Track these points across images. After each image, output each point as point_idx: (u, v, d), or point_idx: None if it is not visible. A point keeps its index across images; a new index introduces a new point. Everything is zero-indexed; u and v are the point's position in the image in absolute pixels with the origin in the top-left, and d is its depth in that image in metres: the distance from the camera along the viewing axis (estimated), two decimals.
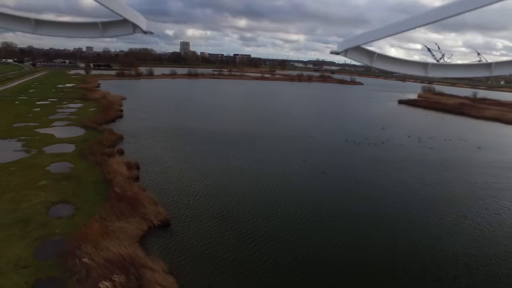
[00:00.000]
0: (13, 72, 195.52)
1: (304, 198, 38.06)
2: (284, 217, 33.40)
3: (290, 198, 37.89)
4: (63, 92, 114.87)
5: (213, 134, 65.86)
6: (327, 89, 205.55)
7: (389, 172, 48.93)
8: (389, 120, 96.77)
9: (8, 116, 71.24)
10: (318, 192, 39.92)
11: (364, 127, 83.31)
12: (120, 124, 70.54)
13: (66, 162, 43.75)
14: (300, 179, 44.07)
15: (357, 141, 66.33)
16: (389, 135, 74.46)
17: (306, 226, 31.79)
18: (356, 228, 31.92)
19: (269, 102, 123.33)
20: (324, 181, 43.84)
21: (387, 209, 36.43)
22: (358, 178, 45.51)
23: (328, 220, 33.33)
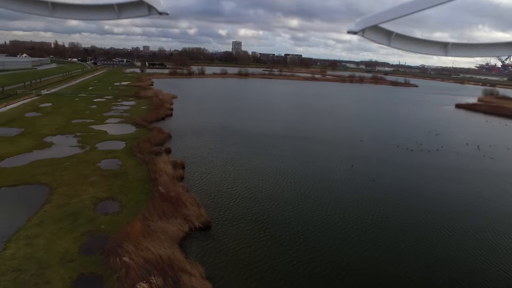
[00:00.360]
0: (76, 70, 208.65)
1: (349, 206, 36.46)
2: (326, 225, 32.12)
3: (334, 205, 36.46)
4: (119, 90, 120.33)
5: (259, 135, 65.54)
6: (379, 91, 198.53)
7: (443, 183, 45.71)
8: (445, 126, 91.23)
9: (68, 112, 75.63)
10: (364, 201, 38.09)
11: (418, 132, 79.03)
12: (169, 123, 72.31)
13: (115, 159, 45.34)
14: (346, 186, 42.37)
15: (410, 148, 62.92)
16: (445, 142, 69.99)
17: (348, 236, 30.32)
18: (402, 243, 29.92)
19: (318, 104, 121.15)
20: (372, 189, 41.78)
21: (438, 225, 33.86)
22: (408, 188, 42.93)
23: (373, 231, 31.57)
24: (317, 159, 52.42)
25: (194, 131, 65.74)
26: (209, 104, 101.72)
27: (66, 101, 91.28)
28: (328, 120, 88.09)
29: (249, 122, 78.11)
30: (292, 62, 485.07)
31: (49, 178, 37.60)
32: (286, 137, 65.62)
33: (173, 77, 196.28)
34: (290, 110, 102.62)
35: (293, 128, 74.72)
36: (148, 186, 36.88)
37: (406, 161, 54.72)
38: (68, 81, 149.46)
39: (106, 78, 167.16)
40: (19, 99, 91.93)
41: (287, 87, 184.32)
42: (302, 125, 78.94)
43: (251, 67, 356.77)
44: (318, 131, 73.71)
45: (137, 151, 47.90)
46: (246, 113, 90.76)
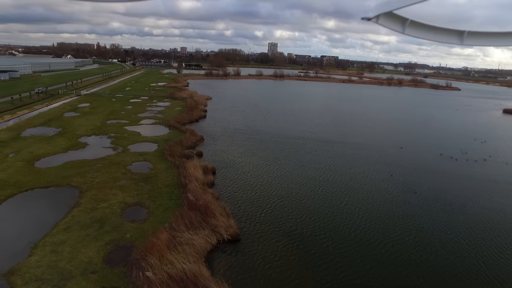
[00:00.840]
0: (115, 71, 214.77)
1: (387, 222, 33.76)
2: (362, 242, 29.67)
3: (371, 220, 33.87)
4: (154, 91, 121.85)
5: (293, 139, 63.46)
6: (419, 94, 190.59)
7: (492, 197, 41.80)
8: (492, 133, 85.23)
9: (104, 112, 76.77)
10: (405, 216, 35.20)
11: (462, 139, 74.10)
12: (202, 125, 71.68)
13: (146, 162, 44.80)
14: (385, 198, 39.53)
15: (454, 157, 58.74)
16: (492, 150, 65.02)
17: (387, 256, 27.73)
18: (445, 267, 26.99)
19: (355, 107, 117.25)
20: (413, 203, 38.70)
21: (488, 246, 30.53)
22: (455, 204, 39.41)
23: (412, 251, 28.76)
24: (353, 167, 49.72)
25: (227, 134, 64.62)
26: (243, 106, 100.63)
27: (103, 101, 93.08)
28: (365, 125, 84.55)
29: (283, 125, 76.16)
30: (328, 64, 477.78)
31: (80, 180, 37.43)
32: (320, 142, 63.14)
33: (209, 78, 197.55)
34: (325, 113, 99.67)
35: (328, 133, 72.05)
36: (177, 192, 35.83)
37: (450, 172, 50.84)
38: (107, 81, 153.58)
39: (143, 79, 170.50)
40: (60, 99, 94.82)
41: (323, 90, 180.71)
42: (337, 130, 76.05)
43: (287, 69, 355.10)
44: (354, 136, 70.61)
45: (169, 154, 47.21)
46: (280, 115, 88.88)
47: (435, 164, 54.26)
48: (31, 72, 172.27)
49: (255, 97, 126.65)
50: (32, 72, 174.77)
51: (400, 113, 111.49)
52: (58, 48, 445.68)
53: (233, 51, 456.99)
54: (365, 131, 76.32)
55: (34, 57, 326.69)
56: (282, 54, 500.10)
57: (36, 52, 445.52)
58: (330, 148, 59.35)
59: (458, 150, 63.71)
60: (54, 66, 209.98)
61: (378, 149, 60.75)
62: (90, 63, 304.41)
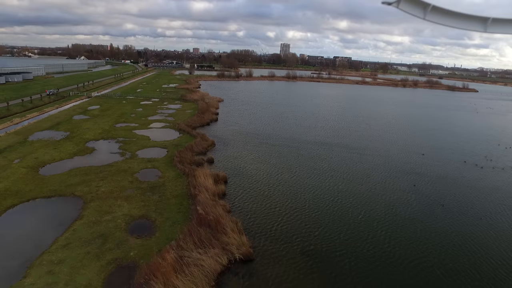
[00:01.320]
0: (127, 72, 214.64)
1: (412, 238, 30.99)
2: (383, 261, 27.00)
3: (394, 236, 31.15)
4: (166, 93, 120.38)
5: (307, 145, 60.87)
6: (435, 96, 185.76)
7: None
8: None
9: (113, 115, 75.25)
10: (431, 232, 32.34)
11: (486, 145, 70.52)
12: (213, 128, 69.56)
13: (155, 169, 42.77)
14: (408, 212, 36.70)
15: (479, 164, 55.46)
16: None
17: (411, 277, 25.04)
18: None
19: (370, 110, 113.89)
20: (440, 217, 35.78)
21: None
22: (484, 217, 36.42)
23: (440, 272, 25.99)
24: (372, 176, 46.94)
25: (239, 139, 62.35)
26: (256, 109, 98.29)
27: (114, 103, 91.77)
28: (382, 129, 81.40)
29: (296, 129, 73.58)
30: (341, 65, 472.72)
31: (84, 190, 35.55)
32: (335, 147, 60.40)
33: (221, 80, 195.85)
34: (340, 117, 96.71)
35: (344, 137, 69.21)
36: (186, 203, 33.65)
37: (477, 182, 47.64)
38: (119, 82, 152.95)
39: (155, 80, 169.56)
40: (70, 101, 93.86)
41: (336, 91, 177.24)
42: (354, 135, 73.14)
43: (299, 70, 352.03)
44: (372, 141, 67.66)
45: (178, 160, 45.11)
46: (293, 119, 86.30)
47: (460, 172, 51.06)
48: (45, 74, 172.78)
49: (267, 99, 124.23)
50: (46, 73, 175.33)
51: (418, 116, 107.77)
52: (72, 50, 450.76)
53: (245, 52, 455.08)
54: (383, 136, 73.25)
55: (49, 58, 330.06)
56: (295, 55, 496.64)
57: (51, 53, 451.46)
58: (346, 155, 56.59)
59: (482, 157, 60.35)
60: (67, 67, 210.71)
61: (398, 156, 57.75)
62: (103, 64, 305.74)
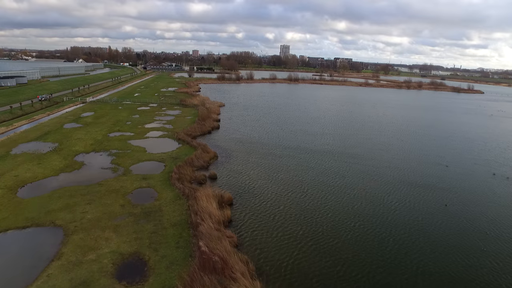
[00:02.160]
0: (125, 75, 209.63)
1: (455, 278, 25.79)
2: None
3: (434, 277, 25.93)
4: (164, 97, 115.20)
5: (316, 155, 55.67)
6: (442, 98, 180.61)
7: None
8: None
9: (108, 123, 70.06)
10: (478, 274, 27.14)
11: (510, 153, 65.34)
12: (215, 137, 64.37)
13: (150, 189, 37.56)
14: (446, 243, 31.29)
15: (511, 177, 50.31)
16: None
17: None
18: None
19: (378, 115, 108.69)
20: (487, 251, 30.55)
21: None
22: None
23: None
24: (394, 193, 41.67)
25: (243, 149, 57.15)
26: (258, 114, 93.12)
27: (109, 109, 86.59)
28: (395, 137, 76.18)
29: (303, 137, 68.35)
30: (342, 66, 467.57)
31: (67, 217, 30.33)
32: (347, 159, 55.17)
33: (221, 82, 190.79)
34: (348, 122, 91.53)
35: (355, 147, 63.99)
36: (186, 234, 28.42)
37: None
38: (116, 86, 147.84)
39: (153, 84, 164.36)
40: (63, 107, 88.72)
41: (341, 94, 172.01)
42: (366, 143, 67.91)
43: (300, 71, 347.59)
44: (387, 151, 62.46)
45: (177, 178, 39.89)
46: (299, 125, 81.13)
47: (493, 188, 45.67)
48: (40, 77, 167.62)
49: (270, 103, 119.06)
50: (41, 77, 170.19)
51: (430, 121, 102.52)
52: (70, 52, 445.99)
53: (245, 53, 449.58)
54: (398, 145, 68.01)
55: (47, 61, 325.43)
56: (295, 56, 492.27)
57: (49, 56, 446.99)
58: (361, 167, 51.31)
59: (511, 167, 55.18)
60: (63, 70, 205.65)
61: (420, 169, 52.46)
62: (101, 67, 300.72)
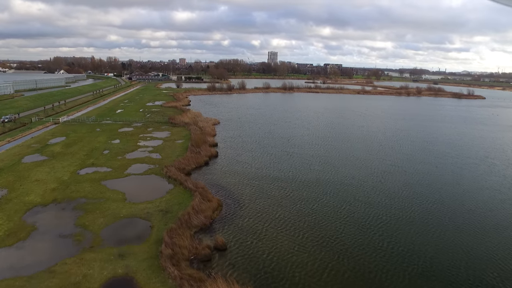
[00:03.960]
0: (108, 87, 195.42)
1: None
2: None
3: None
4: (151, 114, 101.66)
5: (333, 188, 43.21)
6: (447, 105, 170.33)
7: None
8: None
9: (80, 153, 56.54)
10: None
11: None
12: (215, 171, 51.39)
13: (130, 278, 24.47)
14: None
15: None
16: None
17: None
18: None
19: (394, 128, 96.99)
20: None
21: None
22: None
23: None
24: (423, 222, 29.35)
25: (252, 191, 44.19)
26: (259, 134, 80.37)
27: (85, 133, 72.92)
28: (424, 162, 64.16)
29: (320, 167, 55.83)
30: (333, 72, 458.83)
31: None
32: (368, 186, 42.79)
33: (212, 93, 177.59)
34: (364, 141, 79.49)
35: (384, 177, 51.66)
36: None
37: None
38: (97, 101, 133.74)
39: (139, 97, 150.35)
40: (30, 131, 74.70)
41: (342, 104, 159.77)
42: (395, 171, 55.74)
43: (291, 79, 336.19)
44: (423, 185, 50.39)
45: (169, 255, 26.78)
46: (308, 148, 68.72)
47: None
48: (13, 92, 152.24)
49: (267, 118, 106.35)
50: (14, 91, 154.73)
51: (450, 135, 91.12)
52: (52, 63, 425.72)
53: (234, 61, 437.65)
54: (432, 175, 55.85)
55: (26, 73, 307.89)
56: (285, 63, 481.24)
57: (29, 67, 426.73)
58: (387, 203, 38.89)
59: None
60: (41, 83, 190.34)
61: (452, 194, 40.21)
62: (83, 78, 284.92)
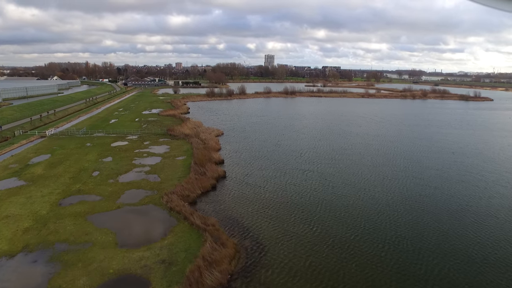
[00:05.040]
0: (103, 94, 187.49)
1: None
2: None
3: None
4: (147, 124, 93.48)
5: (365, 217, 35.29)
6: (459, 109, 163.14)
7: None
8: None
9: (65, 176, 48.33)
10: None
11: None
12: (224, 198, 43.23)
13: None
14: None
15: None
16: None
17: None
18: None
19: (409, 135, 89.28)
20: None
21: None
22: None
23: None
24: None
25: (269, 226, 36.18)
26: (267, 146, 72.35)
27: (73, 148, 64.68)
28: (452, 172, 56.40)
29: (343, 190, 47.87)
30: (332, 75, 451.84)
31: None
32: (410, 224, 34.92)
33: (211, 99, 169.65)
34: (382, 151, 71.73)
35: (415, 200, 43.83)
36: None
37: None
38: (90, 110, 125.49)
39: (134, 104, 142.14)
40: (10, 147, 66.38)
41: (349, 108, 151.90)
42: (426, 188, 47.87)
43: (290, 82, 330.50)
44: (458, 198, 42.58)
45: None
46: (323, 161, 60.90)
47: None
48: (0, 101, 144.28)
49: (273, 126, 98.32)
50: (2, 100, 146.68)
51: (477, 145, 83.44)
52: (45, 69, 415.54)
53: (232, 65, 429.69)
54: (470, 192, 48.07)
55: (18, 80, 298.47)
56: (283, 66, 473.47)
57: (22, 73, 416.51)
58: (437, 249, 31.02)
59: None
60: (32, 91, 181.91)
61: None
62: (77, 85, 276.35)
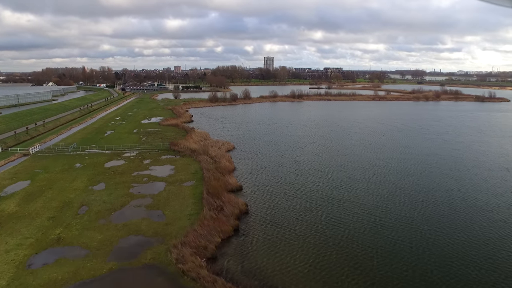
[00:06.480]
0: (99, 101, 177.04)
1: None
2: None
3: None
4: (146, 136, 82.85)
5: None
6: (474, 111, 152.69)
7: None
8: None
9: (43, 215, 37.59)
10: None
11: None
12: (252, 248, 32.63)
13: None
14: None
15: None
16: None
17: None
18: None
19: (442, 145, 78.76)
20: None
21: None
22: None
23: None
24: None
25: None
26: (286, 163, 61.81)
27: (58, 171, 54.02)
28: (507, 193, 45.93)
29: (405, 234, 37.54)
30: (335, 76, 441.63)
31: None
32: None
33: (214, 105, 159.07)
34: (423, 171, 61.30)
35: None
36: None
37: None
38: (84, 119, 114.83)
39: (132, 112, 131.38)
40: None
41: (363, 113, 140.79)
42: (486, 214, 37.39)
43: (293, 84, 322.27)
44: None
45: None
46: (360, 186, 50.61)
47: None
48: None
49: (288, 137, 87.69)
50: None
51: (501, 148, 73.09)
52: (41, 75, 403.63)
53: (232, 68, 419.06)
54: None
55: (12, 86, 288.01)
56: (285, 68, 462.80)
57: (18, 80, 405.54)
58: None
59: None
60: (24, 98, 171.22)
61: None
62: (73, 91, 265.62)
